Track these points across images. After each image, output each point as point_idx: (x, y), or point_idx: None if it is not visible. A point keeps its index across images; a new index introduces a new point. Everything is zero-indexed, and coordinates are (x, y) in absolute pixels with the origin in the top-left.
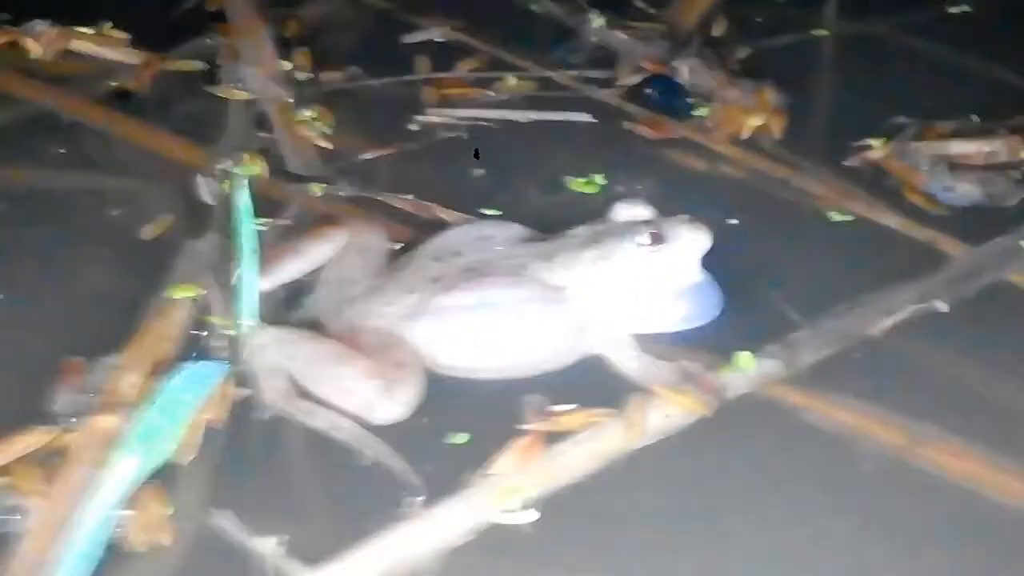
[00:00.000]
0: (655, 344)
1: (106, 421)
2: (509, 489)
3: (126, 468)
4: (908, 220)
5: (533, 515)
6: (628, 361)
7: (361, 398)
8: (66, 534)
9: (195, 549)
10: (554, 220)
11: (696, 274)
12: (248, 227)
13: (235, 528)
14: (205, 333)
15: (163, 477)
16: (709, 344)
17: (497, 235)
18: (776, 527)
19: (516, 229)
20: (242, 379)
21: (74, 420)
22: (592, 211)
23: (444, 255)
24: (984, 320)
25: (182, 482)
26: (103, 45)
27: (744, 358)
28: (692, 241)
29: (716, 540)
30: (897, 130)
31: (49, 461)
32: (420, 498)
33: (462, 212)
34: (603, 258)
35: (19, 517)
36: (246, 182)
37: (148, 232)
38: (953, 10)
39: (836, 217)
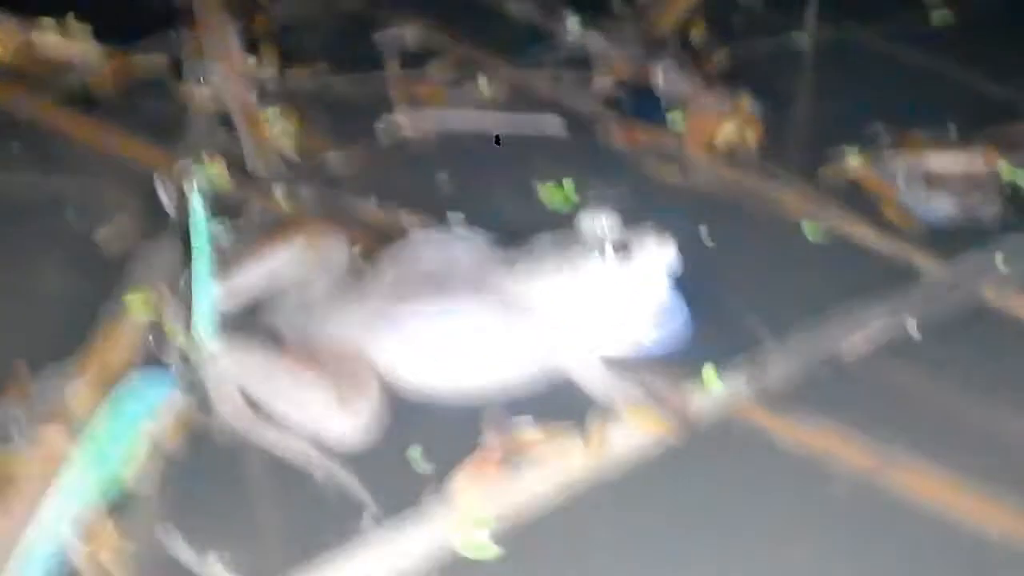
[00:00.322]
0: (620, 359)
1: (51, 437)
2: (467, 518)
3: (70, 490)
4: (882, 234)
5: (493, 550)
6: (591, 377)
7: (316, 413)
8: (13, 562)
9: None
10: (521, 225)
11: (662, 288)
12: (201, 231)
13: (182, 548)
14: (157, 342)
15: (114, 498)
16: (676, 361)
17: (460, 244)
18: (743, 553)
19: (478, 236)
20: (195, 392)
21: (16, 436)
22: (560, 218)
23: (405, 263)
24: (957, 338)
25: (133, 503)
26: (65, 37)
27: (710, 376)
28: (658, 253)
29: (682, 567)
30: (873, 138)
31: None
32: (374, 518)
33: (427, 215)
34: (567, 269)
35: None
36: (201, 185)
37: (105, 235)
38: (935, 18)
39: (810, 230)
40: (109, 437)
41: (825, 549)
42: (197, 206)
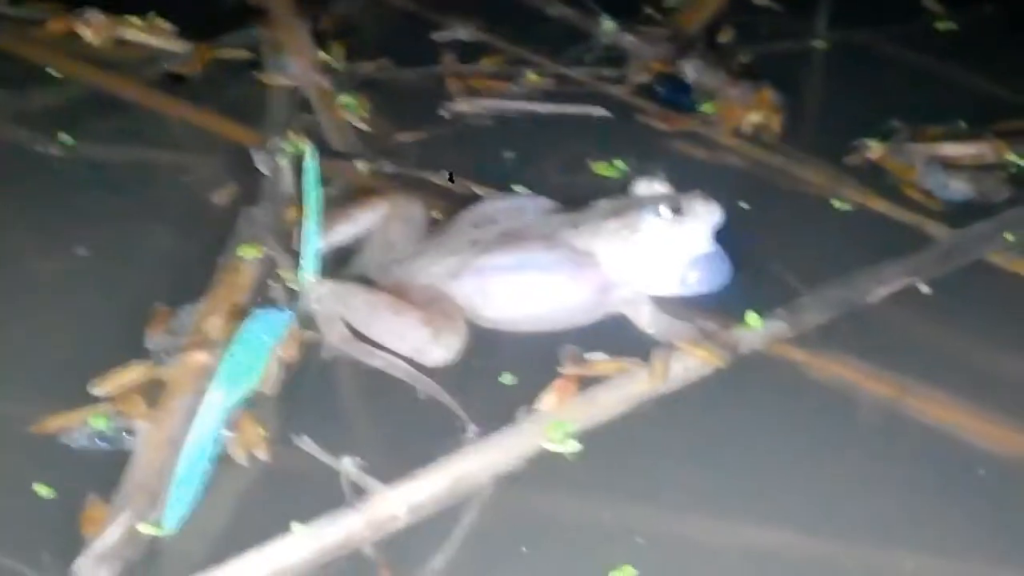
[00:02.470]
0: (672, 306)
1: (196, 357)
2: (554, 423)
3: (219, 397)
4: (899, 208)
5: (576, 446)
6: (648, 319)
7: (413, 343)
8: (173, 452)
9: (286, 465)
10: (577, 197)
11: (708, 245)
12: (314, 190)
13: (316, 450)
14: (273, 284)
15: (251, 404)
16: (722, 307)
17: (528, 206)
18: (781, 464)
19: (545, 202)
20: (308, 324)
21: (166, 357)
22: (610, 190)
23: (481, 223)
24: (963, 292)
25: (268, 409)
26: (151, 34)
27: (753, 318)
28: (706, 214)
29: (733, 476)
30: (891, 132)
31: (149, 391)
32: (473, 428)
33: (493, 187)
34: (625, 227)
35: (129, 437)
36: (314, 151)
37: (218, 198)
38: (940, 25)
39: (835, 204)
40: (244, 357)
41: (856, 465)
42: (312, 170)
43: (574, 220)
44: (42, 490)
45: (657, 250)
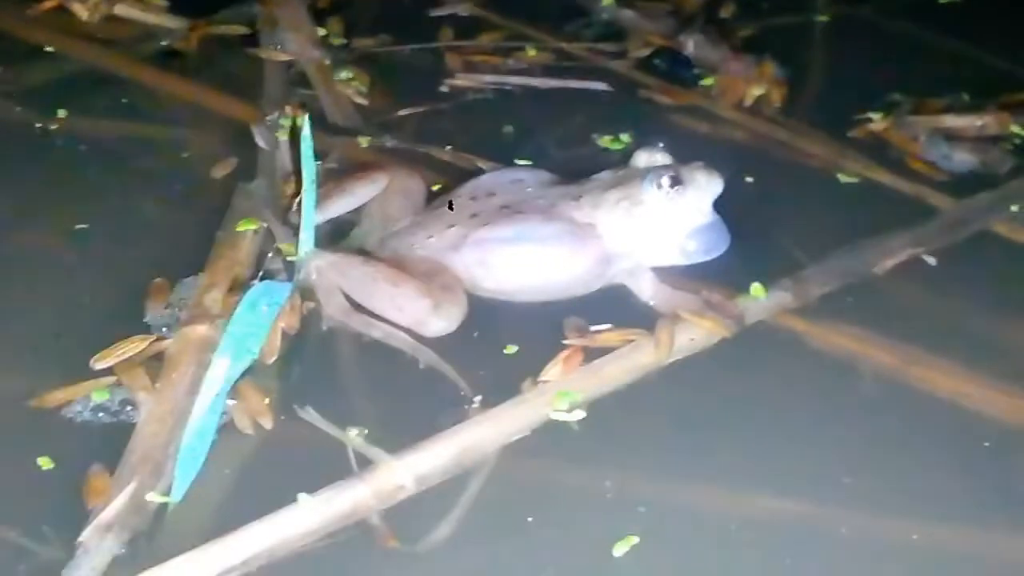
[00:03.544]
0: (674, 276)
1: (197, 330)
2: (560, 393)
3: (222, 367)
4: (903, 180)
5: (580, 415)
6: (649, 290)
7: (412, 314)
8: (176, 422)
9: (289, 435)
10: (579, 170)
11: (709, 214)
12: (310, 163)
13: (320, 420)
14: (271, 256)
15: (254, 374)
16: (727, 278)
17: (528, 179)
18: (785, 434)
19: (544, 174)
20: (308, 295)
21: (165, 330)
22: (612, 162)
23: (480, 195)
24: (969, 262)
25: (271, 379)
26: (145, 10)
27: (757, 288)
28: (707, 184)
29: (737, 445)
30: (893, 105)
31: (150, 364)
32: (478, 398)
33: (495, 160)
34: (626, 198)
35: (131, 409)
36: (309, 124)
37: (216, 173)
38: None
39: (839, 176)
40: (245, 327)
41: (859, 433)
42: (307, 144)
43: (575, 192)
44: (45, 463)
45: (658, 221)
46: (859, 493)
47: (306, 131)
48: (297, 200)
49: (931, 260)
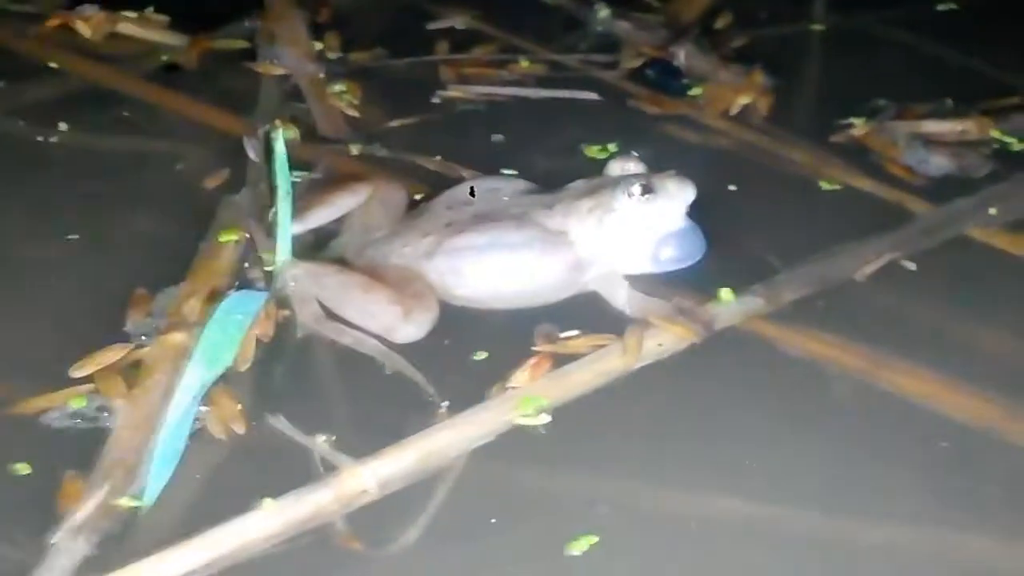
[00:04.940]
0: (645, 282)
1: (174, 338)
2: (526, 398)
3: (196, 374)
4: (884, 186)
5: (546, 420)
6: (621, 297)
7: (383, 321)
8: (150, 428)
9: (261, 440)
10: (564, 180)
11: (682, 222)
12: (284, 175)
13: (288, 426)
14: (248, 266)
15: (228, 381)
16: (700, 285)
17: (504, 188)
18: (751, 438)
19: (521, 183)
20: (283, 303)
21: (144, 338)
22: (597, 172)
23: (456, 204)
24: (945, 267)
25: (244, 386)
26: (145, 27)
27: (727, 293)
28: (678, 192)
29: (702, 448)
30: (877, 111)
31: (128, 372)
32: (444, 404)
33: (483, 171)
34: (598, 206)
35: (107, 416)
36: (284, 137)
37: (209, 185)
38: (940, 7)
39: (819, 183)
40: (219, 335)
41: (826, 437)
42: (280, 156)
43: (548, 201)
44: (21, 469)
45: (630, 228)
46: (822, 495)
47: (280, 143)
48: (273, 211)
49: (911, 265)
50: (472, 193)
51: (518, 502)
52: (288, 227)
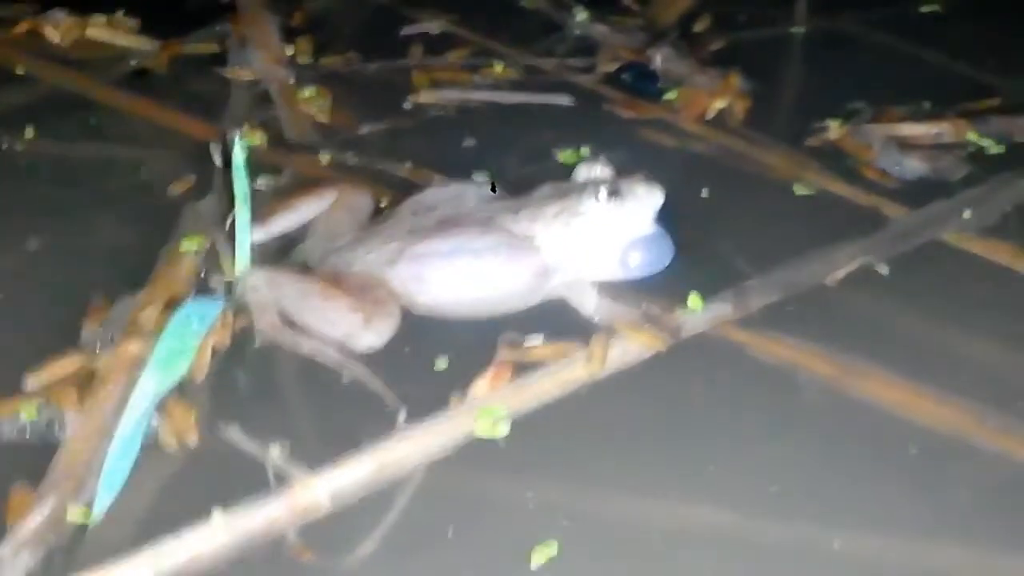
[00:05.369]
0: (614, 288)
1: (129, 348)
2: (485, 409)
3: (150, 384)
4: (859, 190)
5: (506, 431)
6: (588, 304)
7: (343, 329)
8: (101, 440)
9: (215, 451)
10: (535, 184)
11: (649, 227)
12: (242, 182)
13: (242, 438)
14: (207, 274)
15: (182, 391)
16: (669, 291)
17: (470, 193)
18: (722, 448)
19: (487, 188)
20: (240, 312)
21: (100, 348)
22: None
23: (420, 210)
24: (918, 272)
25: (199, 396)
26: (114, 31)
27: (695, 299)
28: (646, 196)
29: (668, 458)
30: (854, 113)
31: (82, 382)
32: (402, 413)
33: (454, 175)
34: (564, 211)
35: (58, 427)
36: (244, 144)
37: (174, 191)
38: (924, 9)
39: (794, 187)
40: (174, 345)
41: (792, 444)
42: (239, 163)
43: (514, 206)
44: None
45: (597, 233)
46: (785, 503)
47: (238, 150)
48: (232, 219)
49: (883, 270)
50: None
51: (476, 513)
52: (247, 234)
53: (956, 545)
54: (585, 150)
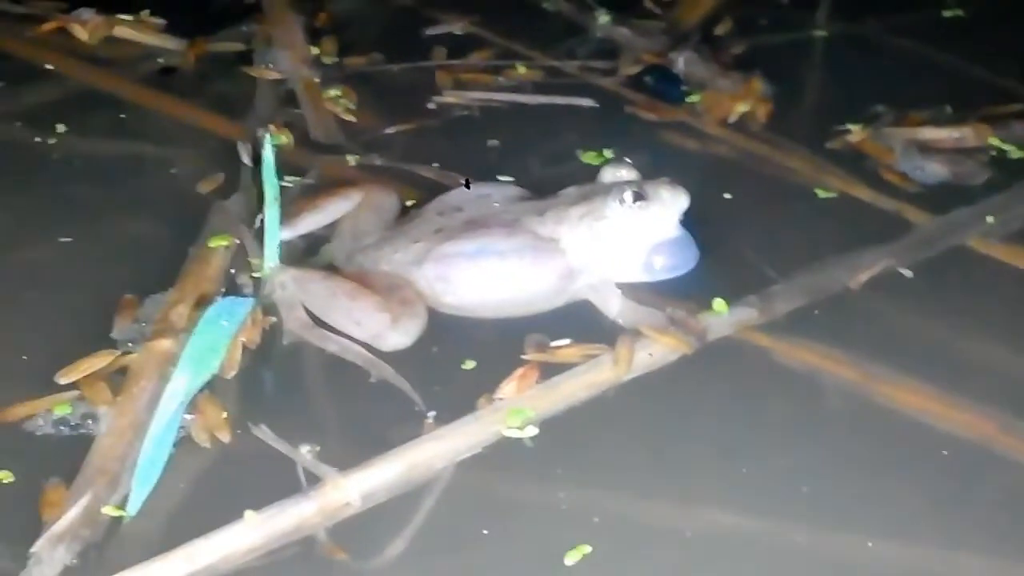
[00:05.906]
0: (638, 291)
1: (160, 344)
2: (513, 410)
3: (182, 381)
4: (881, 194)
5: (534, 431)
6: (613, 306)
7: (370, 329)
8: (135, 436)
9: (245, 450)
10: (559, 186)
11: (674, 230)
12: (272, 181)
13: (272, 436)
14: (236, 272)
15: (213, 389)
16: (694, 294)
17: (495, 194)
18: (742, 448)
19: (513, 189)
20: (269, 310)
21: (131, 345)
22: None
23: (447, 211)
24: (942, 277)
25: (229, 394)
26: (141, 30)
27: (720, 304)
28: (671, 199)
29: (693, 460)
30: (875, 117)
31: (114, 378)
32: (432, 413)
33: (479, 177)
34: (589, 213)
35: (92, 423)
36: (272, 143)
37: (202, 189)
38: (947, 13)
39: (817, 191)
40: (205, 342)
41: (817, 450)
42: (269, 162)
43: (540, 207)
44: (3, 477)
45: (622, 236)
46: (815, 507)
47: (268, 149)
48: (260, 217)
49: (908, 273)
50: (467, 185)
51: (506, 514)
52: (275, 233)
53: (981, 553)
54: (608, 152)
